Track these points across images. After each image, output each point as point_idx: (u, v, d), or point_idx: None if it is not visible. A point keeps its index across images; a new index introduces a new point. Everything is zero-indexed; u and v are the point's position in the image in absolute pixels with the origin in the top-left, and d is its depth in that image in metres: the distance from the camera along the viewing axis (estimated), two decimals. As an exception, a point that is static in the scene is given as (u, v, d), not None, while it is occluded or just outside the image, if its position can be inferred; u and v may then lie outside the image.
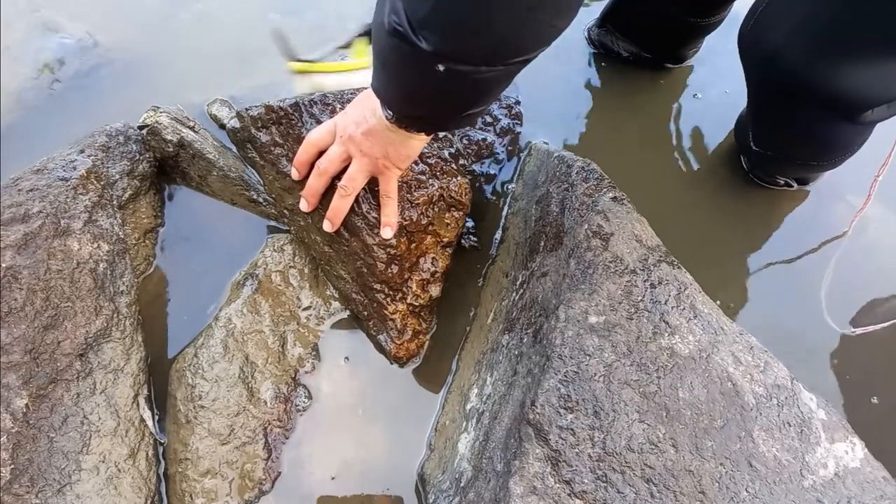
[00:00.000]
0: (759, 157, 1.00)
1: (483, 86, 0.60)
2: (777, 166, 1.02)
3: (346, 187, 0.79)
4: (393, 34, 0.55)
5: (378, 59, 0.64)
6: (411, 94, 0.65)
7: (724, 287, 0.98)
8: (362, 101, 0.76)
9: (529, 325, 0.77)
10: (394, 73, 0.63)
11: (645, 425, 0.65)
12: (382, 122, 0.71)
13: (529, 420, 0.65)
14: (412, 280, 0.86)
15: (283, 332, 0.87)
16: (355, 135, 0.75)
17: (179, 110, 1.03)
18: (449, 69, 0.56)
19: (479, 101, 0.65)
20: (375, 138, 0.74)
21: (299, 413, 0.84)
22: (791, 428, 0.68)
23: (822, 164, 0.97)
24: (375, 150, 0.75)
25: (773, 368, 0.71)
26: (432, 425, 0.85)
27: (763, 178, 1.06)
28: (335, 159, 0.79)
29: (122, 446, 0.76)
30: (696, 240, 1.02)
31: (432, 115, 0.69)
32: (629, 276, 0.74)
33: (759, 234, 1.03)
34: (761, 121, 0.96)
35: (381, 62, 0.63)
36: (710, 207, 1.05)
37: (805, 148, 0.95)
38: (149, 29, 1.18)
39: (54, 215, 0.79)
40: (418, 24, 0.53)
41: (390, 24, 0.54)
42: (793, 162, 0.99)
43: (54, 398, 0.73)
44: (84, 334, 0.77)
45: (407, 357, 0.87)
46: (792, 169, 1.02)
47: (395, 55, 0.58)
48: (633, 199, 0.81)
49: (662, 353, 0.69)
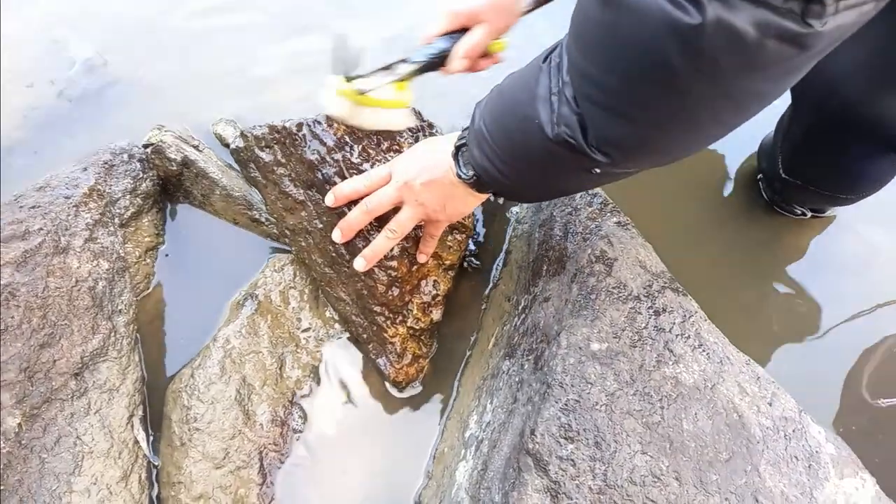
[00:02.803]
0: (785, 185, 0.98)
1: (619, 178, 0.62)
2: (802, 196, 1.00)
3: (395, 231, 0.78)
4: (559, 143, 0.55)
5: (502, 148, 0.63)
6: (530, 181, 0.66)
7: (731, 315, 0.96)
8: (425, 153, 0.76)
9: (530, 351, 0.75)
10: (528, 166, 0.63)
11: (648, 457, 0.63)
12: (448, 178, 0.71)
13: (529, 450, 0.64)
14: (413, 303, 0.85)
15: (282, 353, 0.86)
16: (414, 184, 0.74)
17: (184, 129, 1.03)
18: (605, 172, 0.57)
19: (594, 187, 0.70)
20: (435, 192, 0.74)
21: (295, 437, 0.82)
22: (799, 462, 0.66)
23: (851, 197, 0.95)
24: (433, 202, 0.75)
25: (780, 400, 0.69)
26: (431, 452, 0.83)
27: (781, 205, 1.04)
28: (386, 203, 0.78)
29: (115, 468, 0.75)
30: (703, 267, 1.00)
31: (531, 195, 0.73)
32: (633, 302, 0.72)
33: (767, 263, 1.01)
34: (799, 150, 0.94)
35: (508, 153, 0.62)
36: (717, 233, 1.04)
37: (841, 180, 0.93)
38: (157, 49, 1.19)
39: (55, 232, 0.78)
40: (601, 141, 0.53)
41: (559, 134, 0.54)
42: (821, 193, 0.96)
43: (48, 418, 0.72)
44: (80, 353, 0.76)
45: (406, 381, 0.86)
46: (817, 199, 1.00)
47: (546, 157, 0.58)
48: (638, 224, 0.80)
49: (666, 383, 0.67)
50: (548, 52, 0.58)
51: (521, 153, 0.62)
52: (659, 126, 0.51)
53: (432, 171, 0.73)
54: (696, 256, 1.01)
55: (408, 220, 0.77)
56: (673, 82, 0.45)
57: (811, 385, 0.89)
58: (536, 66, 0.58)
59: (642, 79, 0.47)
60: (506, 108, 0.62)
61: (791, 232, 1.04)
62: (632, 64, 0.46)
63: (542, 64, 0.57)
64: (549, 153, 0.57)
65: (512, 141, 0.61)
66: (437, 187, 0.73)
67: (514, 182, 0.67)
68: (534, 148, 0.58)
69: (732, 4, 0.39)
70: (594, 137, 0.53)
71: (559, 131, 0.54)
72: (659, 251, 0.79)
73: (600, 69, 0.49)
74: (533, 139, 0.57)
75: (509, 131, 0.61)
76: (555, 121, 0.54)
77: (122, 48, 1.19)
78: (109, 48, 1.18)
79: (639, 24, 0.43)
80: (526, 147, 0.60)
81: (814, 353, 0.93)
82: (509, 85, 0.64)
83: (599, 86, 0.50)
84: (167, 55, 1.19)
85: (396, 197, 0.77)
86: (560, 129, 0.54)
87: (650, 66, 0.45)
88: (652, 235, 0.80)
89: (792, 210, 1.04)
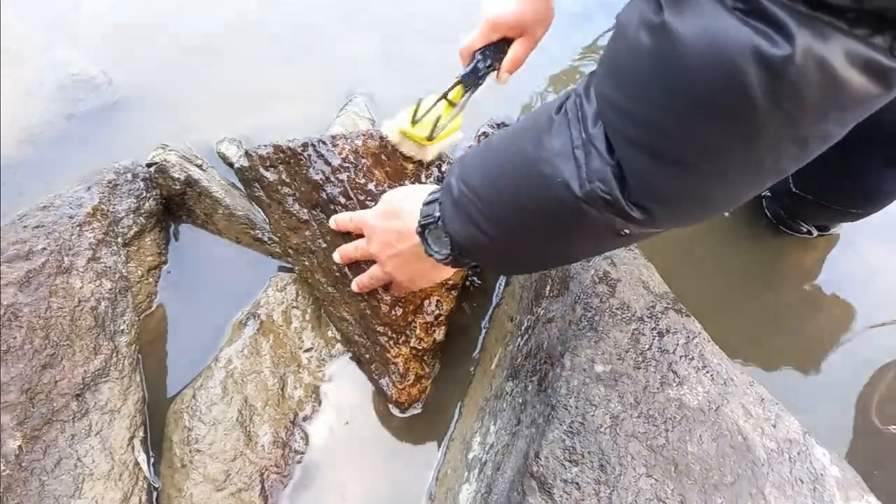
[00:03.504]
0: (795, 200, 0.98)
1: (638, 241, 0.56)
2: (811, 211, 0.99)
3: (372, 279, 0.79)
4: (590, 202, 0.48)
5: (499, 213, 0.56)
6: (530, 249, 0.59)
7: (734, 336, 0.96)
8: (389, 217, 0.71)
9: (534, 372, 0.75)
10: (534, 231, 0.56)
11: (653, 480, 0.62)
12: (414, 251, 0.68)
13: (533, 472, 0.63)
14: (416, 323, 0.85)
15: (284, 373, 0.85)
16: (380, 255, 0.74)
17: (188, 148, 1.03)
18: (633, 234, 0.52)
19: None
20: (401, 267, 0.73)
21: (297, 459, 0.82)
22: (804, 485, 0.65)
23: (863, 211, 0.94)
24: (399, 275, 0.75)
25: (784, 422, 0.69)
26: (433, 474, 0.83)
27: (786, 223, 1.04)
28: (367, 255, 0.78)
29: (115, 490, 0.74)
30: (705, 287, 1.00)
31: (522, 266, 0.68)
32: (636, 323, 0.72)
33: (770, 283, 1.02)
34: (812, 164, 0.92)
35: (507, 218, 0.56)
36: (720, 253, 1.04)
37: (854, 194, 0.92)
38: (161, 68, 1.20)
39: (58, 252, 0.78)
40: (644, 195, 0.47)
41: (592, 191, 0.47)
42: (832, 208, 0.95)
43: (48, 439, 0.72)
44: (82, 374, 0.76)
45: (408, 402, 0.85)
46: (827, 215, 0.99)
47: (568, 220, 0.51)
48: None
49: (671, 405, 0.67)
50: (560, 103, 0.52)
51: (527, 217, 0.55)
52: (718, 171, 0.45)
53: (396, 243, 0.70)
54: (698, 276, 1.01)
55: (377, 279, 0.78)
56: (746, 120, 0.40)
57: (816, 406, 0.89)
58: (545, 118, 0.52)
59: (708, 117, 0.41)
60: (505, 169, 0.55)
61: (794, 251, 1.04)
62: (696, 99, 0.41)
63: (554, 115, 0.51)
64: (574, 214, 0.50)
65: (517, 205, 0.54)
66: (402, 262, 0.72)
67: (507, 252, 0.61)
68: (551, 210, 0.52)
69: (824, 34, 0.36)
70: (636, 190, 0.47)
71: (592, 188, 0.48)
72: (661, 272, 0.79)
73: (651, 108, 0.44)
74: (551, 200, 0.51)
75: (512, 194, 0.54)
76: (584, 176, 0.48)
77: (127, 67, 1.20)
78: (114, 66, 1.19)
79: (710, 55, 0.39)
80: (539, 210, 0.53)
81: (818, 373, 0.93)
82: (503, 144, 0.57)
83: (648, 128, 0.44)
84: (171, 74, 1.20)
85: (371, 255, 0.77)
86: (593, 186, 0.47)
87: (722, 102, 0.40)
88: (653, 256, 0.81)
89: (797, 228, 1.04)
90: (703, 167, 0.45)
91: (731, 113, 0.40)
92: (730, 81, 0.38)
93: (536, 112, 0.55)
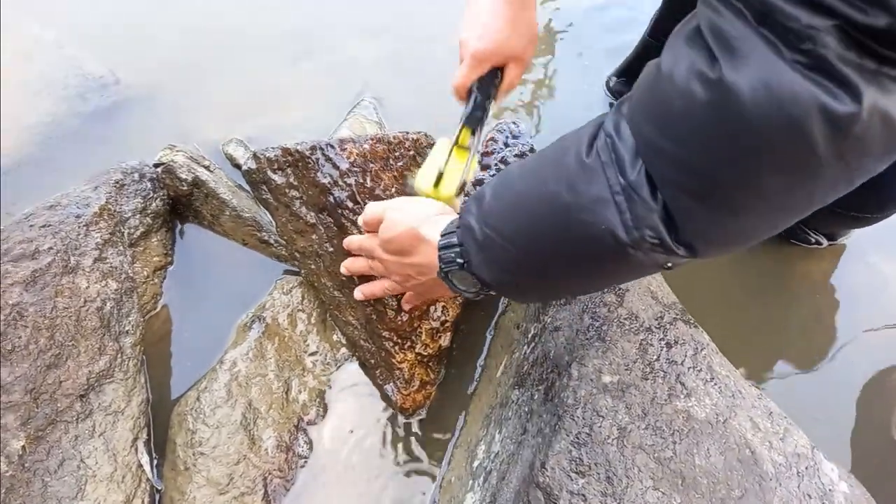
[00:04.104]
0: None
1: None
2: (822, 219, 0.98)
3: (386, 290, 0.79)
4: (636, 246, 0.48)
5: (532, 257, 0.55)
6: (564, 286, 0.60)
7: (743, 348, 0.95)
8: (403, 259, 0.70)
9: (541, 381, 0.75)
10: (571, 271, 0.55)
11: (659, 493, 0.62)
12: (436, 281, 0.67)
13: (539, 483, 0.63)
14: (422, 329, 0.85)
15: (289, 377, 0.85)
16: (401, 285, 0.75)
17: (195, 149, 1.03)
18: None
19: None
20: (423, 291, 0.74)
21: (301, 463, 0.81)
22: (812, 500, 0.65)
23: (876, 216, 0.92)
24: (420, 296, 0.78)
25: (792, 436, 0.68)
26: (437, 481, 0.82)
27: (795, 234, 1.03)
28: (396, 291, 0.79)
29: (118, 493, 0.74)
30: (713, 298, 1.00)
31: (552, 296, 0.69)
32: (644, 333, 0.72)
33: (779, 295, 1.01)
34: None
35: (543, 261, 0.55)
36: (729, 264, 1.04)
37: (868, 198, 0.90)
38: (169, 68, 1.20)
39: (64, 252, 0.78)
40: (694, 237, 0.47)
41: (641, 238, 0.47)
42: (845, 214, 0.94)
43: (52, 440, 0.72)
44: (86, 374, 0.76)
45: (413, 408, 0.85)
46: (839, 221, 0.98)
47: (611, 261, 0.51)
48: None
49: (678, 417, 0.66)
50: (588, 142, 0.50)
51: (566, 262, 0.54)
52: (770, 212, 0.46)
53: (417, 276, 0.70)
54: (707, 289, 1.00)
55: (393, 291, 0.79)
56: (807, 170, 0.41)
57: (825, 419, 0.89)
58: (575, 162, 0.50)
59: (769, 168, 0.41)
60: (537, 215, 0.53)
61: (802, 262, 1.04)
62: (757, 152, 0.41)
63: (585, 159, 0.50)
64: (620, 257, 0.50)
65: (555, 251, 0.54)
66: (424, 289, 0.73)
67: (540, 289, 0.61)
68: (593, 255, 0.51)
69: (887, 88, 0.36)
70: (685, 233, 0.47)
71: (640, 235, 0.47)
72: (669, 282, 0.79)
73: (707, 159, 0.43)
74: (594, 246, 0.50)
75: (549, 240, 0.53)
76: (630, 224, 0.47)
77: (135, 67, 1.20)
78: (122, 66, 1.19)
79: (773, 110, 0.38)
80: (580, 255, 0.53)
81: (828, 385, 0.92)
82: (528, 186, 0.55)
83: (702, 176, 0.44)
84: (179, 74, 1.19)
85: (384, 271, 0.76)
86: (642, 233, 0.47)
87: (783, 155, 0.40)
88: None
89: (806, 238, 1.03)
90: (756, 210, 0.45)
91: (793, 165, 0.41)
92: (793, 136, 0.39)
93: (559, 149, 0.54)
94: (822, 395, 0.92)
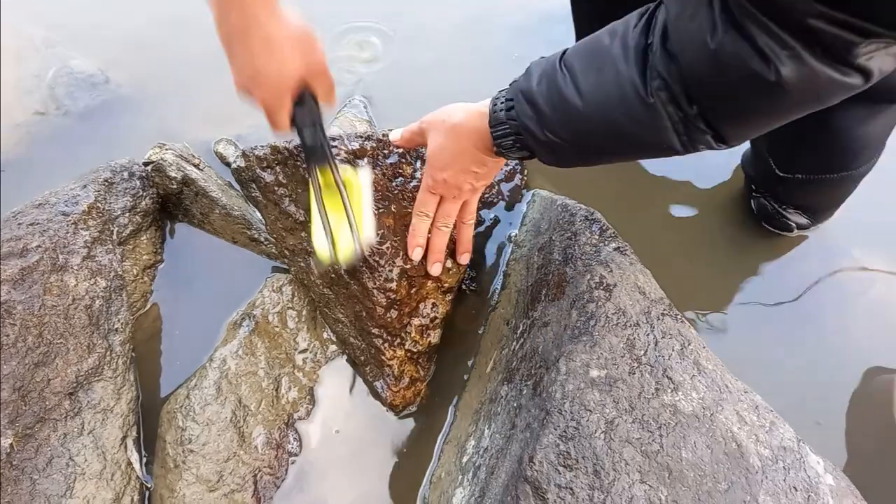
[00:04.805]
0: (785, 185, 0.96)
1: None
2: (805, 191, 0.99)
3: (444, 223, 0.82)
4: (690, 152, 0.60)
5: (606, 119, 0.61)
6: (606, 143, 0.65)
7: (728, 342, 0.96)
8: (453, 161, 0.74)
9: (529, 376, 0.75)
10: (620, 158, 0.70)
11: (647, 486, 0.62)
12: (475, 157, 0.72)
13: (527, 477, 0.63)
14: (411, 325, 0.85)
15: (279, 375, 0.85)
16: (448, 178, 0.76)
17: (185, 148, 1.03)
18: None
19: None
20: (459, 175, 0.75)
21: (291, 460, 0.82)
22: (798, 493, 0.65)
23: (846, 174, 0.94)
24: (463, 183, 0.77)
25: (778, 429, 0.69)
26: (427, 477, 0.83)
27: (778, 219, 1.03)
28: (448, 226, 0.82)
29: (107, 490, 0.74)
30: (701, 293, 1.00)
31: (596, 159, 0.72)
32: (632, 328, 0.72)
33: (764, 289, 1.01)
34: (787, 139, 0.93)
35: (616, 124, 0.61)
36: (715, 259, 1.04)
37: (841, 155, 0.92)
38: (159, 67, 1.20)
39: (53, 250, 0.78)
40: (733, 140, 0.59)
41: (693, 149, 0.60)
42: (825, 178, 0.95)
43: (40, 438, 0.72)
44: (75, 372, 0.76)
45: (403, 405, 0.85)
46: (823, 189, 0.99)
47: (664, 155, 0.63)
48: (637, 250, 0.80)
49: (665, 411, 0.67)
50: (642, 78, 0.57)
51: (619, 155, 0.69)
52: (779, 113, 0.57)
53: (451, 165, 0.74)
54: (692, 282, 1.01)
55: (447, 228, 0.81)
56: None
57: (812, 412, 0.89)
58: (637, 100, 0.57)
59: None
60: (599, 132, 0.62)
61: (789, 257, 1.04)
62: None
63: (648, 100, 0.57)
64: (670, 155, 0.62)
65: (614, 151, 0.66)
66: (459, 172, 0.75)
67: (587, 160, 0.70)
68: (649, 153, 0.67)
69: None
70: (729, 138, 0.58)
71: (693, 147, 0.59)
72: (657, 278, 0.79)
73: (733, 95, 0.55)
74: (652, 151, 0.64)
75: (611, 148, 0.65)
76: (687, 142, 0.59)
77: (125, 66, 1.20)
78: (112, 65, 1.19)
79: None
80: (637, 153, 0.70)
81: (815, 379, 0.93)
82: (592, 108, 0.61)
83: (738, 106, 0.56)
84: (169, 73, 1.19)
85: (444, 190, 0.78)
86: (695, 146, 0.59)
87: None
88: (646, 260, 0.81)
89: (787, 224, 1.03)
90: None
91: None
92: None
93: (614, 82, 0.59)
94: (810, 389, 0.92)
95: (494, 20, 1.35)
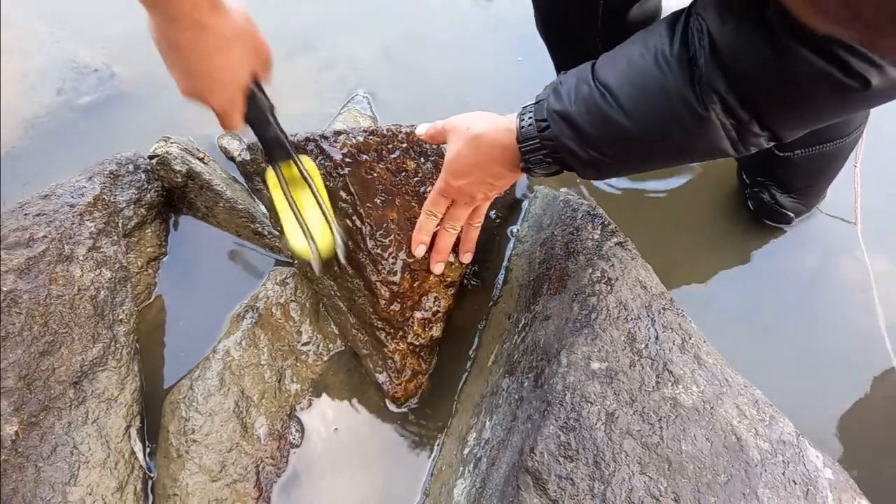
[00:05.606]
0: (784, 166, 0.97)
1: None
2: (805, 169, 0.99)
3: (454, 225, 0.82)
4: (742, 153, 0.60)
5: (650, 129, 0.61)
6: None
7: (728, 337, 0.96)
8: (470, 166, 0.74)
9: (530, 369, 0.76)
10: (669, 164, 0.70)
11: (646, 478, 0.63)
12: (493, 170, 0.72)
13: (528, 468, 0.64)
14: (413, 319, 0.86)
15: (281, 366, 0.86)
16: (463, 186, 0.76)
17: (190, 141, 1.04)
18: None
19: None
20: (474, 185, 0.75)
21: (293, 451, 0.82)
22: (797, 487, 0.66)
23: (840, 141, 0.94)
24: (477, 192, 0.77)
25: (778, 423, 0.69)
26: (428, 469, 0.83)
27: (774, 210, 1.03)
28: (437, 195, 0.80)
29: (111, 479, 0.75)
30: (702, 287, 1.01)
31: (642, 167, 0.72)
32: (633, 322, 0.73)
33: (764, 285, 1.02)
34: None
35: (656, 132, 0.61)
36: (716, 254, 1.05)
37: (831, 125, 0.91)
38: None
39: (59, 240, 0.79)
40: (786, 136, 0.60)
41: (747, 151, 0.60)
42: (814, 154, 0.95)
43: (45, 426, 0.72)
44: (80, 362, 0.76)
45: (405, 397, 0.86)
46: (814, 167, 0.99)
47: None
48: (638, 245, 0.81)
49: (665, 403, 0.67)
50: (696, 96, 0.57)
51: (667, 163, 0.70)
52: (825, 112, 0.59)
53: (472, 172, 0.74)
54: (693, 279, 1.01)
55: (454, 229, 0.81)
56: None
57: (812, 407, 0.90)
58: (690, 116, 0.58)
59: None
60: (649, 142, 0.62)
61: (788, 253, 1.05)
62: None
63: (703, 114, 0.57)
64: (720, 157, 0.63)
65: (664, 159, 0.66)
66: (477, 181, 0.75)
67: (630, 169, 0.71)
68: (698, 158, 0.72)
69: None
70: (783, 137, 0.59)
71: (747, 151, 0.60)
72: (658, 273, 0.80)
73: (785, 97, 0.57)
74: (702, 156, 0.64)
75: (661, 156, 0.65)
76: (741, 147, 0.59)
77: (130, 60, 1.20)
78: (117, 59, 1.20)
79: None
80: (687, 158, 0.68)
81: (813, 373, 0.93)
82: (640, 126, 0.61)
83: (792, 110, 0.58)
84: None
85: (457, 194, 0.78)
86: (748, 149, 0.60)
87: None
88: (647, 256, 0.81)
89: (785, 215, 1.03)
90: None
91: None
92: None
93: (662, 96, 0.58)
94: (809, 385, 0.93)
95: (499, 22, 1.35)
